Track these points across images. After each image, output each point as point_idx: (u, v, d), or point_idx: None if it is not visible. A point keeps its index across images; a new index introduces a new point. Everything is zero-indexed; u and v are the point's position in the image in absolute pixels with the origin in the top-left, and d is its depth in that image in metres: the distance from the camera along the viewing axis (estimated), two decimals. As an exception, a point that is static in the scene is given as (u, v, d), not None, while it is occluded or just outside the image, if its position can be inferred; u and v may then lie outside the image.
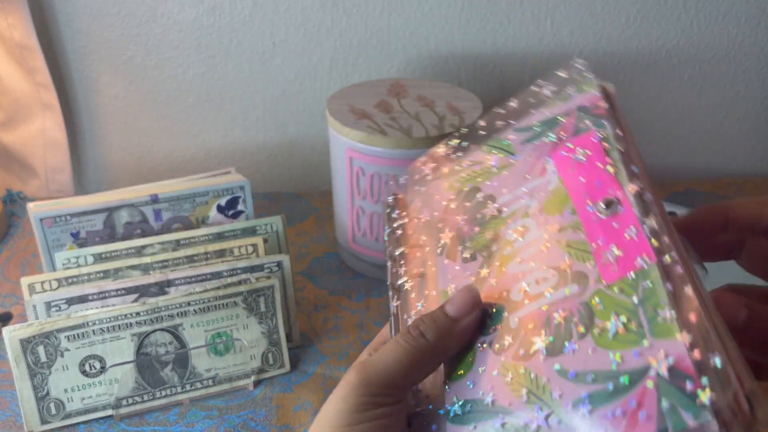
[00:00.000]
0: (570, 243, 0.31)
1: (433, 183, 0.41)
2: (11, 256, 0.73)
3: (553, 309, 0.30)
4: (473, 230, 0.37)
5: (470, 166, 0.40)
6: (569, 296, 0.29)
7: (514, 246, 0.34)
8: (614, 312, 0.27)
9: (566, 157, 0.34)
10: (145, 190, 0.64)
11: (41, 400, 0.53)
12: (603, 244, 0.30)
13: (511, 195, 0.36)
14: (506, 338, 0.31)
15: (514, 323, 0.31)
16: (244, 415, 0.55)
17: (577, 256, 0.31)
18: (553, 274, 0.31)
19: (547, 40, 0.81)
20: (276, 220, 0.63)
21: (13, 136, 0.81)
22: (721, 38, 0.82)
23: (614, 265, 0.29)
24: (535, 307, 0.31)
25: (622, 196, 0.30)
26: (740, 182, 0.88)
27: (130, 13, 0.78)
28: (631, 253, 0.28)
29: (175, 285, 0.57)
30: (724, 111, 0.88)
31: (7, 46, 0.75)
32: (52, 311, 0.55)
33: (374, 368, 0.31)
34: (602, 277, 0.29)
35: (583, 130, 0.34)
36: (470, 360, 0.31)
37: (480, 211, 0.37)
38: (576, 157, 0.34)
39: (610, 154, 0.33)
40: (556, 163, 0.35)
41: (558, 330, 0.29)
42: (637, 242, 0.29)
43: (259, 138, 0.86)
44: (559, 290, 0.30)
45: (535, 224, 0.34)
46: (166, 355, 0.55)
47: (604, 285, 0.29)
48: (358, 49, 0.81)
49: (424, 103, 0.67)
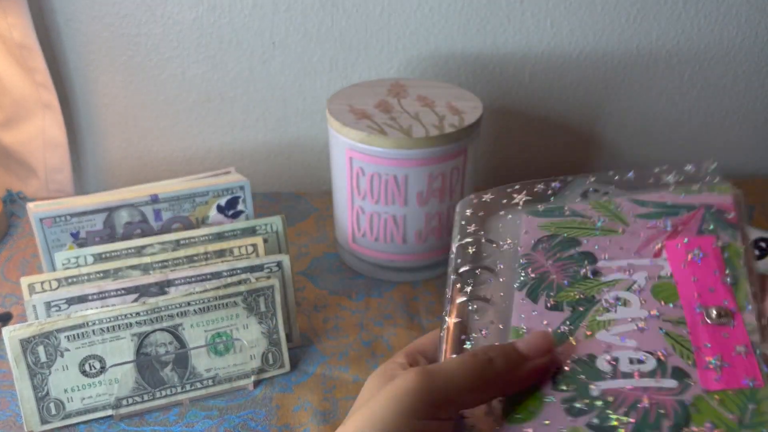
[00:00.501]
0: (671, 334, 0.32)
1: (524, 216, 0.40)
2: (11, 256, 0.73)
3: (642, 394, 0.30)
4: (563, 281, 0.36)
5: (571, 215, 0.39)
6: (665, 389, 0.30)
7: (609, 315, 0.34)
8: (711, 422, 0.28)
9: (680, 251, 0.35)
10: (145, 190, 0.64)
11: (41, 400, 0.53)
12: (708, 350, 0.30)
13: (614, 264, 0.36)
14: (580, 403, 0.30)
15: (595, 392, 0.31)
16: (244, 415, 0.55)
17: (680, 352, 0.31)
18: (648, 358, 0.31)
19: (547, 40, 0.81)
20: (276, 220, 0.63)
21: (12, 136, 0.81)
22: (721, 38, 0.82)
23: (717, 375, 0.30)
24: (620, 386, 0.31)
25: (735, 312, 0.31)
26: (740, 182, 0.88)
27: (130, 14, 0.78)
28: (740, 369, 0.29)
29: (175, 285, 0.57)
30: (724, 111, 0.88)
31: (6, 46, 0.75)
32: (52, 311, 0.55)
33: (438, 378, 0.30)
34: (700, 382, 0.30)
35: (706, 231, 0.35)
36: (532, 409, 0.31)
37: (574, 266, 0.36)
38: (692, 254, 0.34)
39: (730, 265, 0.33)
40: (669, 254, 0.35)
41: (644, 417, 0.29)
42: (746, 362, 0.30)
43: (259, 138, 0.86)
44: (655, 378, 0.30)
45: (638, 302, 0.34)
46: (166, 355, 0.55)
47: (702, 390, 0.29)
48: (358, 49, 0.81)
49: (424, 103, 0.67)
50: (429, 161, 0.63)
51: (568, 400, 0.31)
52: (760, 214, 0.82)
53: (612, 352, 0.32)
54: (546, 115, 0.87)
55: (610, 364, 0.32)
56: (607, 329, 0.33)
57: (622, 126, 0.88)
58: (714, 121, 0.88)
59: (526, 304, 0.35)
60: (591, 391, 0.31)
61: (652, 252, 0.36)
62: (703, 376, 0.30)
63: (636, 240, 0.36)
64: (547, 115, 0.87)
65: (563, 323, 0.34)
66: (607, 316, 0.34)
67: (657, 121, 0.88)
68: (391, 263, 0.69)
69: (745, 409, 0.28)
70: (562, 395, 0.31)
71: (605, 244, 0.37)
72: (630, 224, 0.37)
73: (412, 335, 0.63)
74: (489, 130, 0.87)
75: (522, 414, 0.30)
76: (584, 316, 0.34)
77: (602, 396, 0.30)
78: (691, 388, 0.30)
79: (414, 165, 0.62)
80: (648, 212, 0.38)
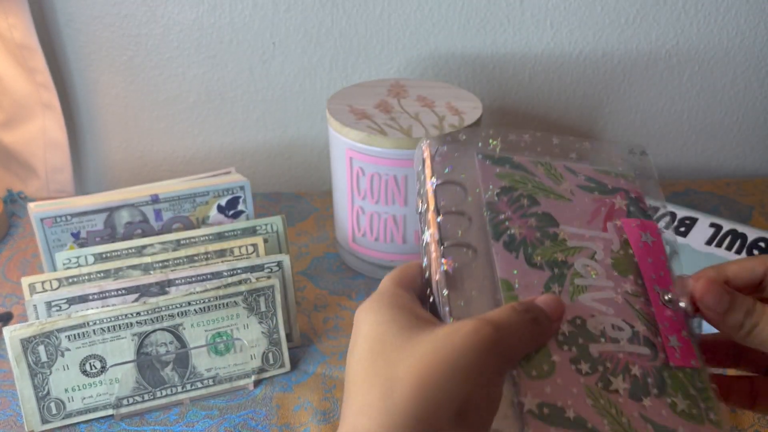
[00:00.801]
0: (641, 312, 0.35)
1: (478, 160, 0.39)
2: (12, 256, 0.73)
3: (630, 359, 0.33)
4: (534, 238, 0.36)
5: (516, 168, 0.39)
6: (643, 355, 0.33)
7: (583, 281, 0.35)
8: (680, 392, 0.32)
9: (635, 230, 0.37)
10: (146, 190, 0.64)
11: (42, 400, 0.53)
12: (667, 329, 0.34)
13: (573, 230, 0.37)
14: (585, 365, 0.32)
15: (595, 353, 0.33)
16: (244, 414, 0.55)
17: (648, 328, 0.34)
18: (625, 327, 0.34)
19: (546, 40, 0.81)
20: (276, 220, 0.63)
21: (13, 136, 0.82)
22: (721, 38, 0.82)
23: (677, 353, 0.34)
24: (612, 349, 0.33)
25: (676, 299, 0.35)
26: (740, 182, 0.88)
27: (130, 14, 0.78)
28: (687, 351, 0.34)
29: (175, 285, 0.57)
30: (723, 111, 0.88)
31: (7, 47, 0.75)
32: (53, 311, 0.55)
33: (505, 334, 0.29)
34: (668, 357, 0.33)
35: (649, 216, 0.38)
36: (546, 368, 0.32)
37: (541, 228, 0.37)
38: (644, 236, 0.37)
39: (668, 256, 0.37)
40: (627, 230, 0.38)
41: (636, 381, 0.32)
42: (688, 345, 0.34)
43: (259, 138, 0.86)
44: (633, 346, 0.33)
45: (603, 273, 0.36)
46: (166, 355, 0.55)
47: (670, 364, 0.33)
48: (358, 49, 0.81)
49: (424, 103, 0.67)
50: (429, 161, 0.63)
51: (575, 361, 0.32)
52: (760, 214, 0.82)
53: (597, 317, 0.34)
54: (546, 115, 0.87)
55: (599, 327, 0.34)
56: (585, 295, 0.35)
57: (621, 126, 0.88)
58: (714, 121, 0.89)
59: (507, 257, 0.35)
60: (592, 353, 0.33)
61: (600, 226, 0.38)
62: (669, 351, 0.34)
63: (584, 211, 0.38)
64: (547, 115, 0.87)
65: (549, 282, 0.35)
66: (583, 281, 0.35)
67: (657, 121, 0.88)
68: (391, 263, 0.69)
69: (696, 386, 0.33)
70: (569, 355, 0.32)
71: (560, 209, 0.38)
72: (575, 194, 0.39)
73: (412, 335, 0.63)
74: (489, 130, 0.87)
75: (537, 372, 0.31)
76: (564, 279, 0.35)
77: (601, 358, 0.33)
78: (659, 359, 0.33)
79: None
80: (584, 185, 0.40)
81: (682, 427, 0.31)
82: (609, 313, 0.34)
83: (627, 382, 0.32)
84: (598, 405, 0.31)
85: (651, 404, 0.32)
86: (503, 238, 0.36)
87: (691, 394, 0.33)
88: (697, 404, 0.32)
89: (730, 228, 0.67)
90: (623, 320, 0.34)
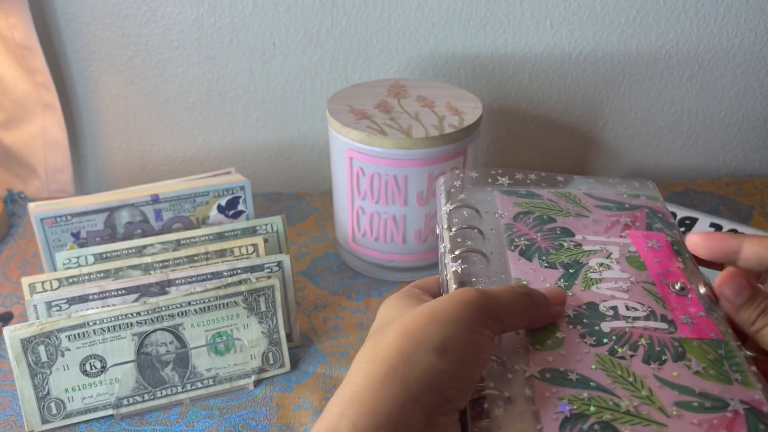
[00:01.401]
0: (651, 291, 0.37)
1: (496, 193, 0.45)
2: (12, 256, 0.73)
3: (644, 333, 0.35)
4: (550, 248, 0.40)
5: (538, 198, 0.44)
6: (660, 329, 0.35)
7: (597, 275, 0.39)
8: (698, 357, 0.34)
9: (641, 239, 0.41)
10: (146, 190, 0.64)
11: (42, 400, 0.53)
12: (678, 310, 0.36)
13: (590, 239, 0.41)
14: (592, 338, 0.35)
15: (606, 329, 0.35)
16: (244, 414, 0.55)
17: (662, 305, 0.37)
18: (640, 307, 0.37)
19: (546, 40, 0.81)
20: (276, 220, 0.64)
21: (13, 137, 0.82)
22: (721, 38, 0.82)
23: (690, 328, 0.35)
24: (624, 325, 0.36)
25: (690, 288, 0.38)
26: (739, 182, 0.88)
27: (130, 14, 0.78)
28: (703, 327, 0.36)
29: (175, 285, 0.57)
30: (723, 111, 0.88)
31: (7, 47, 0.75)
32: (53, 311, 0.55)
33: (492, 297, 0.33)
34: (679, 332, 0.35)
35: (656, 228, 0.42)
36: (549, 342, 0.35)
37: (556, 237, 0.41)
38: (651, 243, 0.41)
39: (679, 255, 0.40)
40: (633, 240, 0.41)
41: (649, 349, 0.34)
42: (706, 321, 0.36)
43: (259, 138, 0.86)
44: (650, 322, 0.36)
45: (618, 268, 0.39)
46: (166, 355, 0.55)
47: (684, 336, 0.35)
48: (358, 49, 0.81)
49: (424, 104, 0.67)
50: (429, 161, 0.63)
51: (583, 336, 0.35)
52: (760, 214, 0.82)
53: (609, 302, 0.37)
54: (545, 115, 0.87)
55: (611, 309, 0.36)
56: (598, 287, 0.38)
57: (621, 126, 0.88)
58: (713, 121, 0.89)
59: (521, 262, 0.39)
60: (602, 328, 0.35)
61: (617, 234, 0.42)
62: (681, 328, 0.35)
63: (601, 225, 0.42)
64: (547, 115, 0.87)
65: (559, 279, 0.38)
66: (596, 275, 0.39)
67: (656, 121, 0.88)
68: (391, 263, 0.69)
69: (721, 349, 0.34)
70: (577, 332, 0.35)
71: (577, 224, 0.42)
72: (592, 212, 0.43)
73: (412, 335, 0.63)
74: (489, 130, 0.87)
75: (541, 345, 0.35)
76: (577, 275, 0.39)
77: (612, 333, 0.35)
78: (679, 329, 0.35)
79: (414, 165, 0.63)
80: (604, 204, 0.44)
81: (697, 386, 0.32)
82: (623, 297, 0.37)
83: (638, 351, 0.34)
84: (604, 368, 0.33)
85: (663, 367, 0.34)
86: (518, 248, 0.40)
87: (710, 359, 0.34)
88: (720, 368, 0.33)
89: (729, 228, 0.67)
90: (638, 302, 0.37)
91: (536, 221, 0.42)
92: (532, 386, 0.33)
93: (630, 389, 0.32)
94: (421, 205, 0.65)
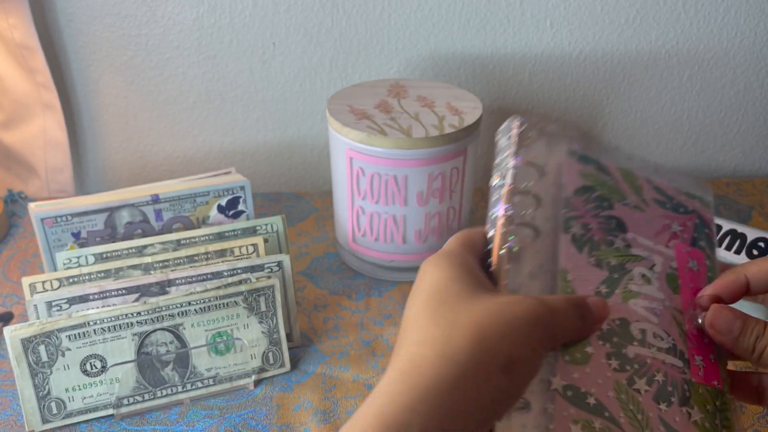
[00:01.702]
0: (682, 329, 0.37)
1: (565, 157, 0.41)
2: (12, 255, 0.73)
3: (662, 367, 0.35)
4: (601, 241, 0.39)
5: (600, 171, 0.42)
6: (675, 366, 0.35)
7: (637, 288, 0.38)
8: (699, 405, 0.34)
9: (684, 256, 0.40)
10: (146, 190, 0.64)
11: (42, 400, 0.53)
12: (695, 348, 0.37)
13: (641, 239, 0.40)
14: (616, 361, 0.35)
15: (631, 354, 0.35)
16: (244, 414, 0.55)
17: (684, 343, 0.36)
18: (666, 337, 0.36)
19: (546, 40, 0.81)
20: (276, 220, 0.64)
21: (13, 136, 0.82)
22: (721, 38, 0.82)
23: (700, 371, 0.36)
24: (647, 354, 0.35)
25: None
26: (739, 182, 0.88)
27: (130, 14, 0.78)
28: (710, 372, 0.36)
29: (175, 285, 0.57)
30: (723, 111, 0.88)
31: (7, 47, 0.75)
32: (53, 311, 0.55)
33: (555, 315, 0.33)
34: (691, 373, 0.35)
35: (699, 246, 0.41)
36: (578, 356, 0.34)
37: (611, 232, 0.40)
38: (691, 263, 0.40)
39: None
40: (677, 254, 0.40)
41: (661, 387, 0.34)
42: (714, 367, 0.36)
43: (259, 138, 0.86)
44: (669, 356, 0.36)
45: (657, 284, 0.38)
46: (166, 355, 0.55)
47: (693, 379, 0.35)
48: (358, 49, 0.81)
49: (424, 104, 0.67)
50: (429, 161, 0.63)
51: (609, 356, 0.35)
52: (760, 214, 0.82)
53: (641, 323, 0.36)
54: (545, 115, 0.87)
55: (640, 332, 0.36)
56: (635, 300, 0.37)
57: (621, 126, 0.88)
58: (713, 121, 0.89)
59: (572, 251, 0.38)
60: (627, 352, 0.35)
61: (664, 242, 0.40)
62: (693, 369, 0.36)
63: (652, 227, 0.41)
64: (547, 115, 0.87)
65: (602, 283, 0.37)
66: (636, 288, 0.38)
67: (656, 121, 0.88)
68: (391, 263, 0.69)
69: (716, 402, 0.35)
70: (604, 350, 0.35)
71: (632, 218, 0.40)
72: (649, 206, 0.41)
73: (412, 335, 0.63)
74: (489, 130, 0.87)
75: (570, 358, 0.34)
76: (619, 282, 0.38)
77: (634, 359, 0.35)
78: (688, 373, 0.35)
79: (414, 165, 0.63)
80: (661, 200, 0.42)
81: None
82: (653, 321, 0.37)
83: (652, 386, 0.34)
84: (620, 398, 0.33)
85: (668, 409, 0.34)
86: (572, 232, 0.39)
87: (708, 410, 0.34)
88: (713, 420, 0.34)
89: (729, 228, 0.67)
90: (665, 331, 0.36)
91: (595, 203, 0.40)
92: (554, 401, 0.33)
93: (635, 426, 0.33)
94: (421, 205, 0.65)
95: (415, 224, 0.66)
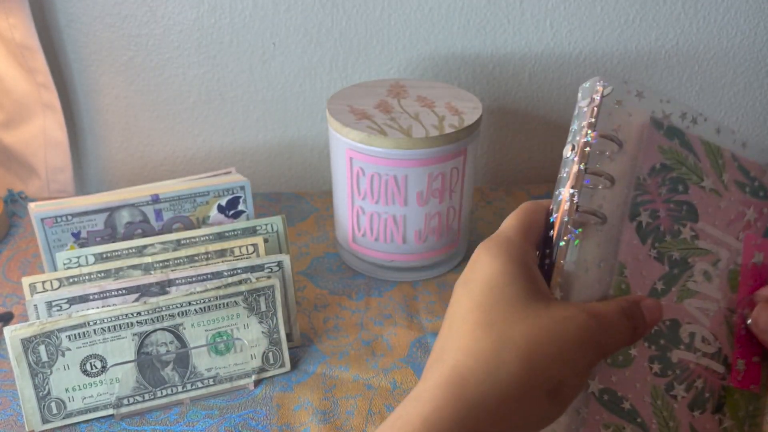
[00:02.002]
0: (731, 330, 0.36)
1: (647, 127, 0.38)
2: (12, 255, 0.73)
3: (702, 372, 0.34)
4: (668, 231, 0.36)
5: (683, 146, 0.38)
6: (716, 372, 0.35)
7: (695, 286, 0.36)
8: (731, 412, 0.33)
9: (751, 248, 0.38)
10: (146, 190, 0.64)
11: (42, 400, 0.53)
12: (739, 351, 0.35)
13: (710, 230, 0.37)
14: (658, 366, 0.34)
15: (675, 359, 0.34)
16: (244, 414, 0.55)
17: (729, 343, 0.36)
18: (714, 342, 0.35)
19: (546, 40, 0.81)
20: (276, 220, 0.64)
21: (13, 137, 0.82)
22: (721, 38, 0.82)
23: (740, 376, 0.35)
24: (692, 359, 0.34)
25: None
26: (740, 182, 0.88)
27: (131, 14, 0.78)
28: (751, 375, 0.35)
29: (175, 285, 0.57)
30: (723, 111, 0.88)
31: (8, 47, 0.75)
32: (53, 311, 0.55)
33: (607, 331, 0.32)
34: (730, 378, 0.35)
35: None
36: (621, 359, 0.33)
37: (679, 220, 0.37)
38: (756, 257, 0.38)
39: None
40: (745, 247, 0.38)
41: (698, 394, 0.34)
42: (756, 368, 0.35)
43: (259, 138, 0.87)
44: (713, 361, 0.35)
45: (717, 283, 0.37)
46: (166, 355, 0.55)
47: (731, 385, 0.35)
48: (358, 49, 0.81)
49: (424, 104, 0.67)
50: (429, 161, 0.63)
51: (651, 361, 0.34)
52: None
53: (692, 326, 0.35)
54: (545, 115, 0.87)
55: (689, 336, 0.35)
56: (690, 300, 0.36)
57: (621, 126, 0.88)
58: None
59: (634, 242, 0.36)
60: (671, 357, 0.34)
61: (735, 232, 0.38)
62: (733, 373, 0.35)
63: (726, 215, 0.38)
64: (547, 115, 0.87)
65: (660, 279, 0.35)
66: (694, 286, 0.36)
67: (656, 121, 0.88)
68: (391, 263, 0.69)
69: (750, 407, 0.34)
70: (648, 353, 0.34)
71: (706, 203, 0.38)
72: (728, 190, 0.39)
73: (412, 335, 0.63)
74: (489, 130, 0.87)
75: (612, 360, 0.33)
76: (678, 279, 0.36)
77: (677, 365, 0.34)
78: (728, 378, 0.35)
79: (414, 165, 0.63)
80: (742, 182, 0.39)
81: None
82: (704, 323, 0.35)
83: (690, 393, 0.34)
84: (654, 404, 0.33)
85: (701, 416, 0.33)
86: (637, 220, 0.36)
87: (740, 416, 0.34)
88: (742, 427, 0.33)
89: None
90: (713, 335, 0.35)
91: (670, 185, 0.37)
92: (588, 405, 0.32)
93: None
94: (421, 205, 0.65)
95: (415, 224, 0.66)
